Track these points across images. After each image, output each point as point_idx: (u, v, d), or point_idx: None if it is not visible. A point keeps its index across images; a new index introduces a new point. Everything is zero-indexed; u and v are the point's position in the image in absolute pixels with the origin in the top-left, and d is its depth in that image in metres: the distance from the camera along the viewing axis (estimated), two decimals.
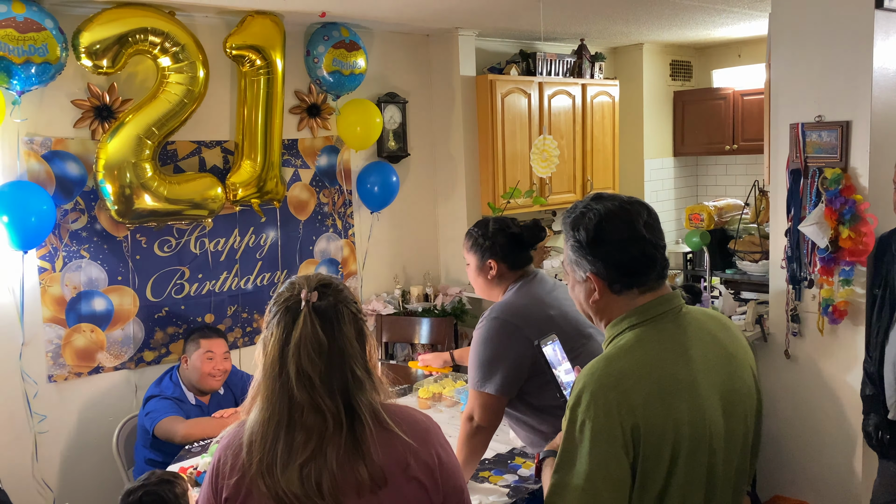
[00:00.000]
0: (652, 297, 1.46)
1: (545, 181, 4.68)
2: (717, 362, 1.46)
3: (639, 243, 1.43)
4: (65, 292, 3.20)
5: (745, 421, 1.49)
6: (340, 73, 3.83)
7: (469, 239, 2.37)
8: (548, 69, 4.81)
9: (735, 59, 5.74)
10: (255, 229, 3.78)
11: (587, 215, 1.46)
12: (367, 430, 1.31)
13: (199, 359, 3.04)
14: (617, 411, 1.33)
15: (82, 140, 3.19)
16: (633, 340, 1.42)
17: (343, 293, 1.40)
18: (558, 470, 1.38)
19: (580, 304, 1.55)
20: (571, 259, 1.50)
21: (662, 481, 1.37)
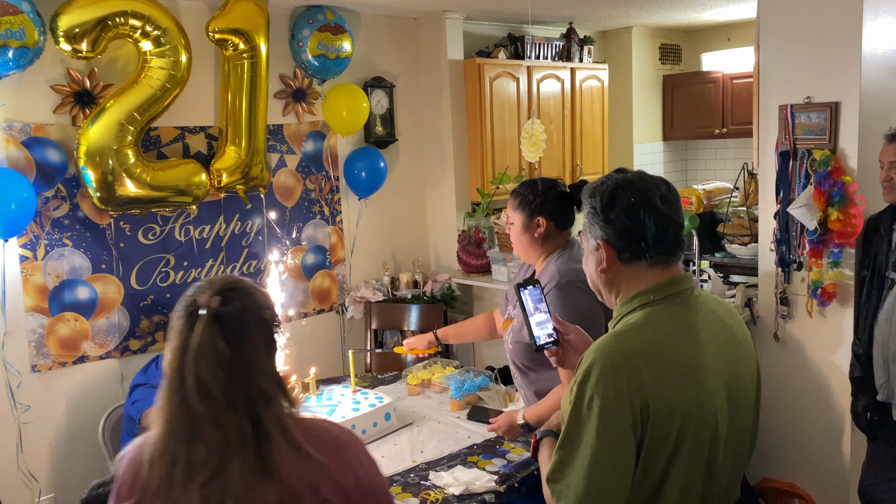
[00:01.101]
0: (663, 274, 1.45)
1: (534, 166, 4.65)
2: (726, 347, 1.46)
3: (651, 213, 1.42)
4: (47, 281, 3.15)
5: (746, 408, 1.49)
6: (326, 57, 3.78)
7: (516, 197, 2.39)
8: (536, 53, 4.77)
9: (724, 42, 5.72)
10: (241, 216, 3.74)
11: (605, 183, 1.46)
12: (275, 448, 1.22)
13: None
14: (627, 388, 1.31)
15: (63, 126, 3.14)
16: (644, 319, 1.41)
17: (253, 297, 1.29)
18: (563, 446, 1.36)
19: (590, 276, 1.53)
20: (586, 226, 1.50)
21: (665, 463, 1.36)
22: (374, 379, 3.28)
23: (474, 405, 2.61)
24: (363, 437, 2.54)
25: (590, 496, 1.32)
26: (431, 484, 2.21)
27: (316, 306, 4.13)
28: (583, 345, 1.75)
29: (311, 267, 4.08)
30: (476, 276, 4.28)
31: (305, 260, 4.05)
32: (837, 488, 2.97)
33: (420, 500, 2.11)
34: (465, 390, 2.87)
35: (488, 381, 2.97)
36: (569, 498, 1.34)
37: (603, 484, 1.32)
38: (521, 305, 1.71)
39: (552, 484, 1.38)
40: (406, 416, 2.77)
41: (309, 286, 4.08)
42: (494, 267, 4.15)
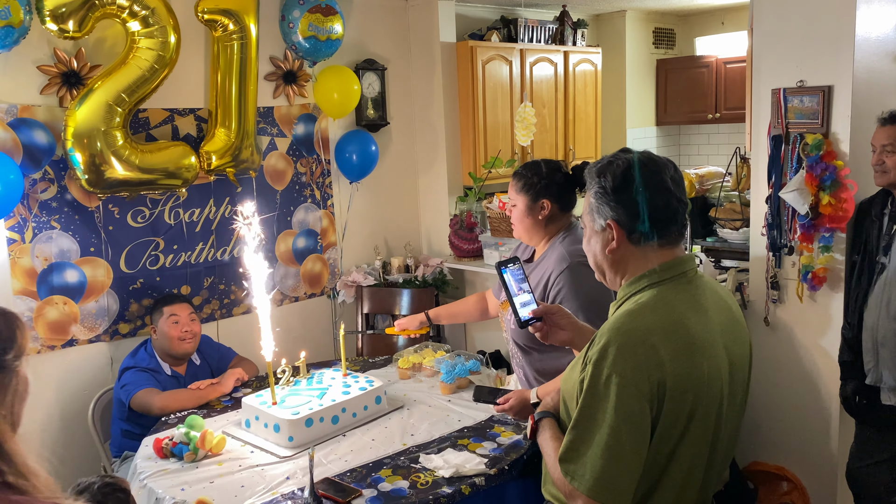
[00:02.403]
0: (670, 255, 1.45)
1: (526, 150, 4.63)
2: (728, 325, 1.48)
3: (664, 193, 1.42)
4: (35, 264, 3.12)
5: (742, 386, 1.51)
6: (317, 39, 3.74)
7: (520, 179, 2.39)
8: (529, 36, 4.74)
9: (718, 26, 5.70)
10: (231, 200, 3.71)
11: (615, 163, 1.46)
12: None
13: (166, 325, 3.02)
14: (645, 365, 1.32)
15: (49, 107, 3.10)
16: (655, 298, 1.42)
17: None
18: (577, 426, 1.36)
19: (595, 256, 1.53)
20: (593, 207, 1.48)
21: (675, 441, 1.37)
22: (365, 363, 3.27)
23: (478, 385, 2.58)
24: (353, 420, 2.54)
25: (607, 475, 1.32)
26: (422, 467, 2.21)
27: (307, 290, 4.11)
28: (566, 322, 1.75)
29: (301, 251, 4.06)
30: (468, 261, 4.27)
31: (296, 244, 4.03)
32: (825, 471, 2.99)
33: (410, 483, 2.12)
34: (456, 374, 2.87)
35: (479, 364, 2.97)
36: (584, 477, 1.34)
37: (620, 462, 1.32)
38: (505, 285, 1.72)
39: (566, 464, 1.38)
40: (397, 399, 2.77)
41: (300, 270, 4.07)
42: (486, 251, 4.14)
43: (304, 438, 2.38)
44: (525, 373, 2.50)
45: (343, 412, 2.52)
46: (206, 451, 2.36)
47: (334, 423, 2.49)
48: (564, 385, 1.55)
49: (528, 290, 1.77)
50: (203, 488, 2.16)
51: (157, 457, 2.39)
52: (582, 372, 1.40)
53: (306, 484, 2.06)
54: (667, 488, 1.41)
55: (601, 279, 1.56)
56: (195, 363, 3.13)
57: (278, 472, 2.23)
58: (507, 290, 1.72)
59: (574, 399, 1.42)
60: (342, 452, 2.35)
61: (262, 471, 2.25)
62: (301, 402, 2.51)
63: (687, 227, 1.49)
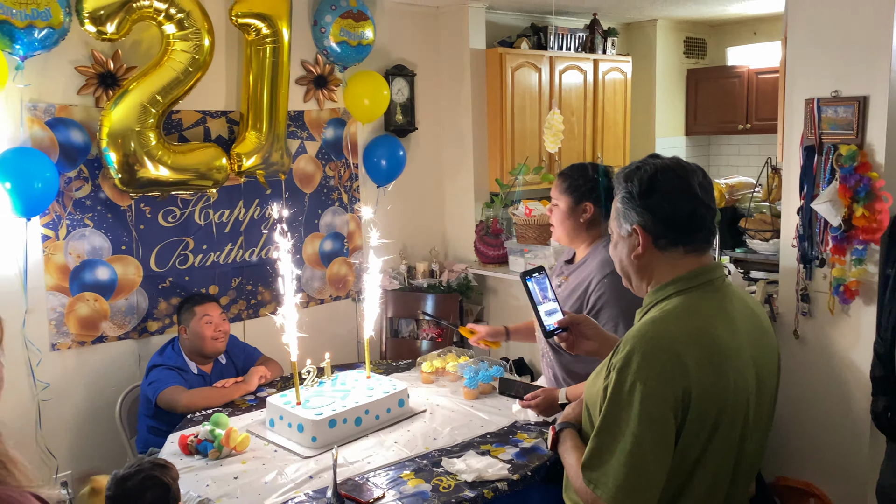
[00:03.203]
0: (696, 262, 1.44)
1: (554, 158, 4.62)
2: (755, 334, 1.46)
3: (691, 200, 1.41)
4: (68, 261, 3.18)
5: (769, 396, 1.49)
6: (348, 44, 3.77)
7: (564, 180, 2.37)
8: (559, 44, 4.74)
9: (751, 36, 5.64)
10: (260, 201, 3.75)
11: (642, 168, 1.45)
12: None
13: (199, 325, 3.04)
14: (670, 373, 1.31)
15: (86, 107, 3.16)
16: (681, 305, 1.40)
17: None
18: (601, 433, 1.35)
19: (621, 262, 1.52)
20: (619, 212, 1.48)
21: (700, 449, 1.35)
22: (389, 366, 3.28)
23: (505, 377, 2.54)
24: (376, 422, 2.54)
25: (630, 483, 1.31)
26: (444, 470, 2.21)
27: (333, 293, 4.14)
28: (591, 331, 1.74)
29: (328, 254, 4.09)
30: (493, 267, 4.27)
31: (323, 247, 4.06)
32: (854, 488, 2.93)
33: (432, 486, 2.11)
34: (479, 379, 2.86)
35: (502, 371, 2.96)
36: (607, 485, 1.33)
37: (643, 471, 1.31)
38: (529, 295, 1.71)
39: (588, 472, 1.36)
40: (420, 403, 2.77)
41: (326, 273, 4.09)
42: (511, 258, 4.14)
43: (327, 439, 2.39)
44: (555, 373, 2.49)
45: (366, 414, 2.53)
46: (231, 449, 2.38)
47: (357, 424, 2.49)
48: (588, 392, 1.54)
49: (553, 298, 1.76)
50: (227, 485, 2.17)
51: (182, 453, 2.41)
52: (606, 379, 1.39)
53: (329, 484, 2.07)
54: (691, 498, 1.39)
55: (627, 285, 1.55)
56: (221, 362, 3.16)
57: (301, 472, 2.24)
58: (532, 299, 1.72)
59: (597, 407, 1.41)
60: (365, 454, 2.35)
61: (285, 470, 2.26)
62: (325, 403, 2.52)
63: (715, 234, 1.47)
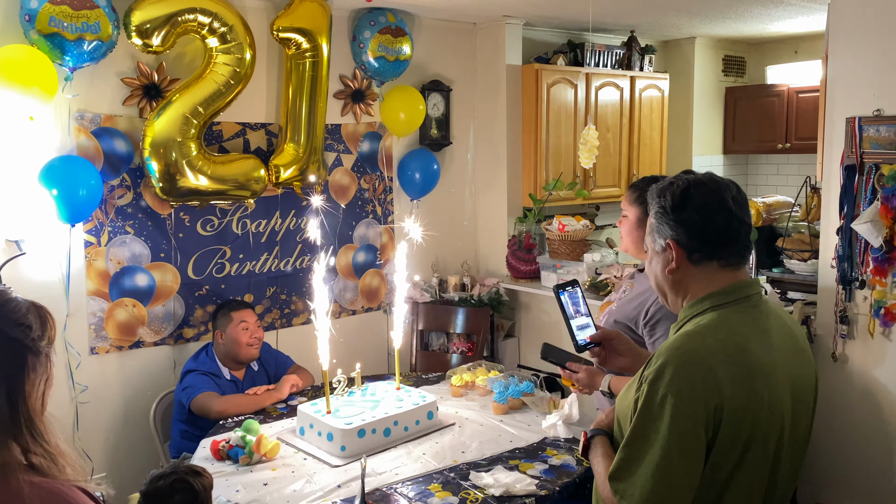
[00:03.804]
0: (732, 277, 1.43)
1: (589, 174, 4.61)
2: (792, 353, 1.44)
3: (724, 213, 1.41)
4: (109, 266, 3.26)
5: (806, 416, 1.46)
6: (385, 59, 3.82)
7: (635, 191, 2.37)
8: (596, 60, 4.73)
9: (791, 55, 5.57)
10: (297, 212, 3.80)
11: (675, 183, 1.45)
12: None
13: (236, 331, 3.09)
14: (702, 388, 1.30)
15: (130, 118, 3.25)
16: (717, 320, 1.39)
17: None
18: (629, 444, 1.35)
19: (656, 277, 1.52)
20: (653, 227, 1.48)
21: (732, 467, 1.34)
22: (419, 378, 3.29)
23: (549, 344, 2.41)
24: (405, 433, 2.55)
25: (656, 496, 1.30)
26: (471, 484, 2.20)
27: (364, 304, 4.16)
28: (624, 347, 1.73)
29: (361, 265, 4.12)
30: (524, 282, 4.26)
31: (356, 258, 4.10)
32: None
33: (460, 499, 2.11)
34: (509, 394, 2.85)
35: (533, 386, 2.95)
36: (633, 497, 1.32)
37: (671, 485, 1.30)
38: (562, 308, 1.71)
39: (616, 483, 1.36)
40: (449, 416, 2.77)
41: (359, 284, 4.13)
42: (544, 273, 4.13)
43: (355, 449, 2.40)
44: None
45: (395, 425, 2.53)
46: (261, 456, 2.41)
47: (386, 435, 2.50)
48: (619, 405, 1.52)
49: (585, 313, 1.76)
50: (256, 491, 2.19)
51: (213, 458, 2.44)
52: (637, 391, 1.38)
53: (357, 493, 2.08)
54: None
55: (663, 302, 1.54)
56: (253, 369, 3.20)
57: (329, 480, 2.25)
58: (564, 313, 1.72)
59: (628, 419, 1.40)
60: (393, 464, 2.36)
61: (314, 478, 2.28)
62: (354, 413, 2.54)
63: (751, 249, 1.46)
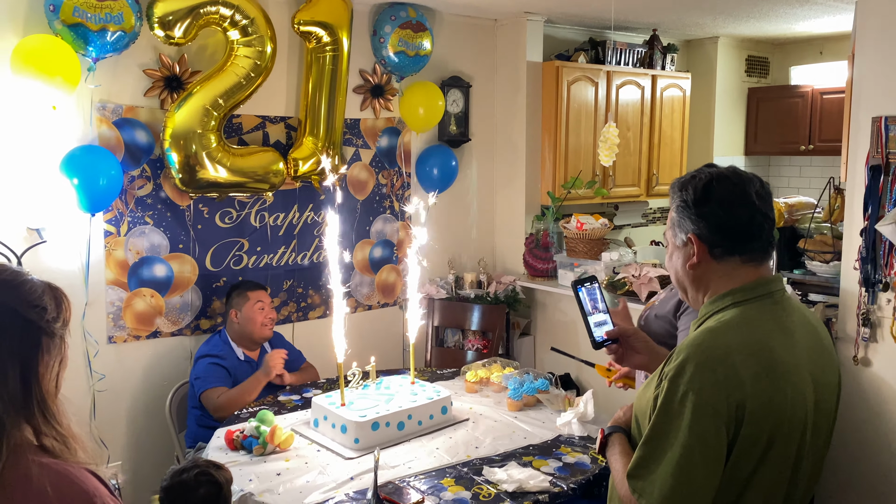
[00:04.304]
0: (754, 273, 1.40)
1: (608, 173, 4.58)
2: (815, 352, 1.41)
3: (747, 207, 1.38)
4: (128, 256, 3.28)
5: (828, 417, 1.43)
6: (406, 54, 3.82)
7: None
8: (617, 59, 4.70)
9: (816, 56, 5.50)
10: (314, 206, 3.81)
11: (698, 177, 1.43)
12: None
13: (252, 310, 3.14)
14: (725, 385, 1.28)
15: (151, 109, 3.27)
16: (739, 317, 1.37)
17: (12, 291, 1.17)
18: (648, 442, 1.33)
19: (676, 272, 1.49)
20: (674, 221, 1.45)
21: (753, 466, 1.31)
22: (433, 374, 3.28)
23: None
24: (419, 427, 2.54)
25: (676, 495, 1.28)
26: (484, 479, 2.19)
27: (380, 300, 4.16)
28: (642, 345, 1.71)
29: (378, 261, 4.12)
30: (541, 280, 4.24)
31: (373, 253, 4.10)
32: None
33: (472, 494, 2.10)
34: (524, 391, 2.84)
35: (548, 384, 2.93)
36: (652, 495, 1.30)
37: (691, 483, 1.27)
38: (580, 304, 1.69)
39: (634, 481, 1.34)
40: (463, 411, 2.76)
41: (375, 279, 4.13)
42: (561, 272, 4.10)
43: (369, 441, 2.40)
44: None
45: (409, 419, 2.53)
46: (275, 447, 2.41)
47: (400, 428, 2.50)
48: (638, 403, 1.50)
49: (603, 310, 1.74)
50: (269, 481, 2.20)
51: (227, 448, 2.45)
52: (657, 388, 1.36)
53: (369, 486, 2.07)
54: None
55: (684, 297, 1.52)
56: (267, 351, 3.23)
57: (342, 472, 2.25)
58: (582, 309, 1.70)
59: (646, 417, 1.38)
60: (406, 458, 2.36)
61: (327, 469, 2.28)
62: (369, 406, 2.53)
63: (774, 244, 1.43)
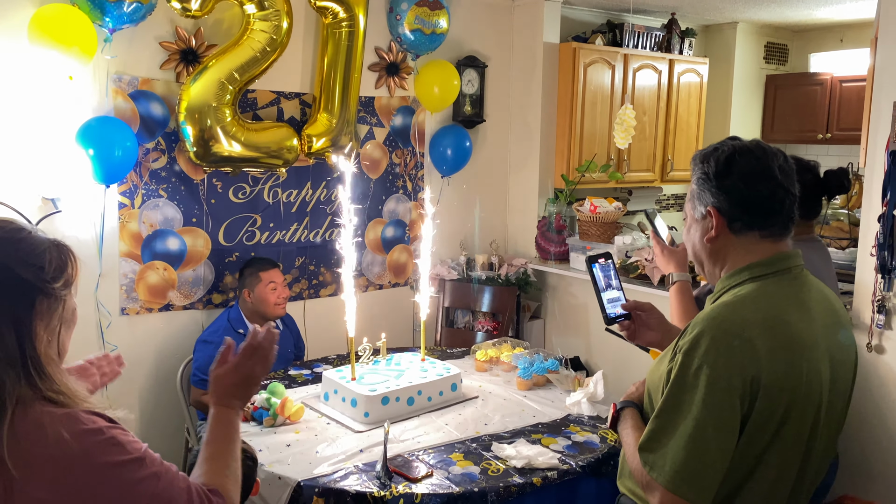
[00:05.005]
0: (773, 248, 1.39)
1: (623, 157, 4.55)
2: (833, 329, 1.40)
3: (769, 182, 1.36)
4: (142, 229, 3.30)
5: (843, 395, 1.42)
6: (422, 32, 3.79)
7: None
8: (635, 42, 4.66)
9: (836, 43, 5.43)
10: (327, 184, 3.81)
11: (720, 149, 1.41)
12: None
13: (264, 291, 3.16)
14: (740, 360, 1.27)
15: (167, 82, 3.27)
16: (756, 291, 1.36)
17: (7, 249, 1.14)
18: (661, 415, 1.32)
19: (693, 246, 1.48)
20: (694, 194, 1.44)
21: (766, 442, 1.31)
22: (443, 352, 3.28)
23: (649, 210, 2.33)
24: (428, 403, 2.55)
25: (688, 468, 1.27)
26: (493, 455, 2.19)
27: (391, 279, 4.17)
28: (655, 322, 1.70)
29: (389, 240, 4.12)
30: (553, 264, 4.23)
31: (385, 233, 4.09)
32: None
33: (481, 469, 2.10)
34: (534, 371, 2.84)
35: (558, 364, 2.93)
36: (664, 469, 1.29)
37: (703, 456, 1.27)
38: (593, 280, 1.69)
39: (645, 454, 1.33)
40: (472, 389, 2.76)
41: (386, 259, 4.13)
42: (573, 255, 4.09)
43: (379, 415, 2.41)
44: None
45: (419, 395, 2.53)
46: (285, 418, 2.42)
47: (409, 404, 2.50)
48: (650, 377, 1.50)
49: (617, 286, 1.74)
50: (279, 452, 2.21)
51: None
52: (671, 362, 1.35)
53: (379, 458, 2.08)
54: (751, 493, 1.34)
55: (699, 271, 1.51)
56: (279, 328, 3.26)
57: (352, 445, 2.26)
58: (596, 285, 1.70)
59: (659, 391, 1.38)
60: (416, 433, 2.36)
61: (337, 441, 2.29)
62: (379, 381, 2.54)
63: (794, 220, 1.41)
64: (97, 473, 1.10)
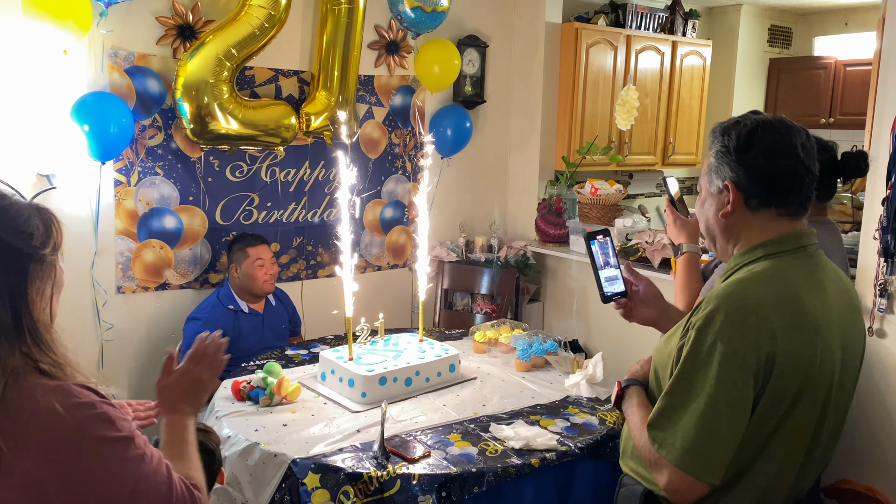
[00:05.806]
0: (789, 226, 1.36)
1: (624, 139, 4.51)
2: (846, 309, 1.38)
3: (790, 159, 1.33)
4: (138, 207, 3.26)
5: (852, 376, 1.41)
6: (422, 10, 3.73)
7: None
8: (637, 23, 4.61)
9: (841, 26, 5.38)
10: (326, 163, 3.77)
11: (742, 122, 1.38)
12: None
13: (252, 267, 3.14)
14: (755, 337, 1.25)
15: (164, 57, 3.22)
16: (771, 268, 1.33)
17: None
18: (672, 392, 1.30)
19: (707, 220, 1.44)
20: (712, 167, 1.40)
21: (777, 421, 1.29)
22: (442, 334, 3.26)
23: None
24: (426, 384, 2.53)
25: (699, 447, 1.25)
26: (491, 436, 2.18)
27: (390, 261, 4.14)
28: (652, 298, 1.68)
29: (388, 221, 4.09)
30: (553, 246, 4.20)
31: (384, 214, 4.06)
32: None
33: (479, 450, 2.09)
34: (532, 352, 2.82)
35: (557, 346, 2.91)
36: (674, 446, 1.27)
37: (715, 434, 1.25)
38: (591, 257, 1.67)
39: (655, 431, 1.31)
40: (470, 370, 2.74)
41: (385, 240, 4.10)
42: (573, 238, 4.06)
43: (376, 396, 2.39)
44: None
45: (416, 375, 2.51)
46: (282, 398, 2.40)
47: (407, 384, 2.48)
48: (658, 355, 1.47)
49: (615, 264, 1.72)
50: (275, 432, 2.19)
51: (234, 398, 2.45)
52: (682, 339, 1.32)
53: (376, 438, 2.06)
54: (761, 471, 1.32)
55: (710, 247, 1.48)
56: (272, 304, 3.25)
57: (349, 425, 2.24)
58: (594, 262, 1.68)
59: (668, 369, 1.35)
60: (413, 413, 2.34)
61: (334, 422, 2.27)
62: (376, 361, 2.52)
63: (811, 199, 1.38)
64: (87, 447, 1.08)
